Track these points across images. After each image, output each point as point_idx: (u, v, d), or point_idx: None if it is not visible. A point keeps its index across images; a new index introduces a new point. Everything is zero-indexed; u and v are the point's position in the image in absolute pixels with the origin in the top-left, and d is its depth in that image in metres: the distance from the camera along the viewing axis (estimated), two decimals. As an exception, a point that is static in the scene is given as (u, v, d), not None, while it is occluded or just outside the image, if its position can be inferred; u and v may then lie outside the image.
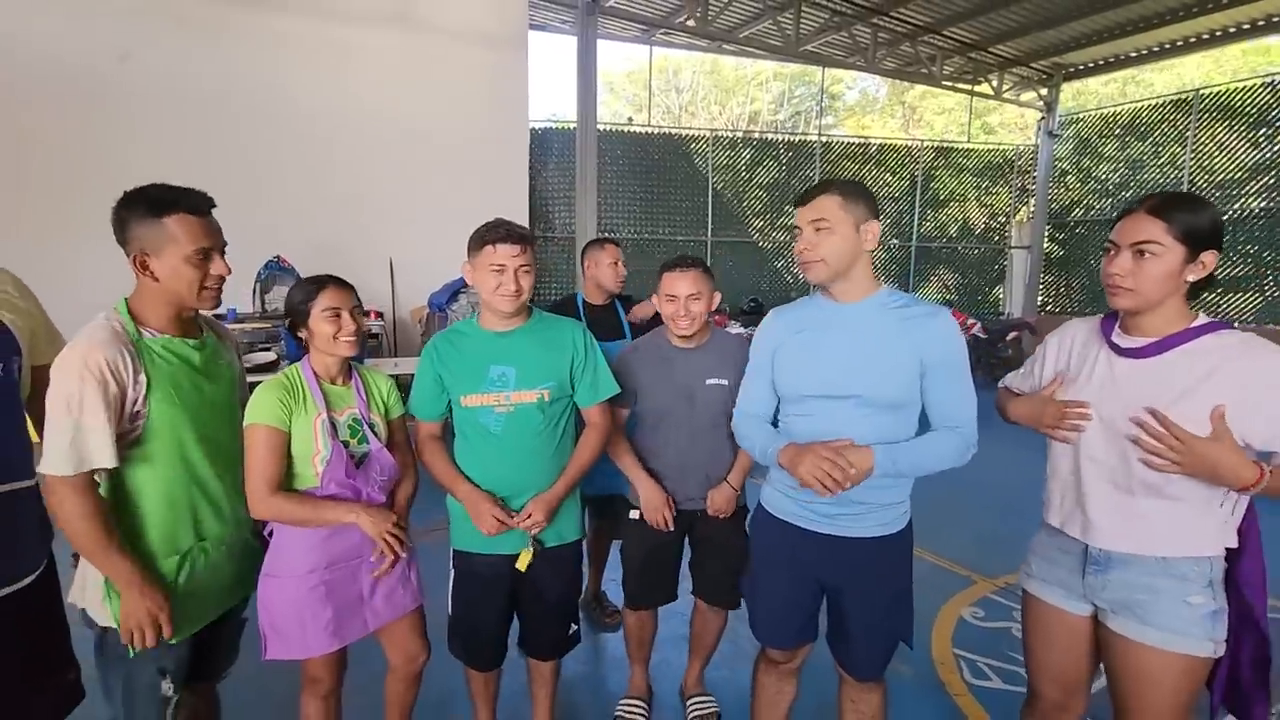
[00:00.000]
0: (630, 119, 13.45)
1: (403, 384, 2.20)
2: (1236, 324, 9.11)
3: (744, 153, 10.84)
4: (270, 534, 1.62)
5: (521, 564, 1.77)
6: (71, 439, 1.27)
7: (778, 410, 1.67)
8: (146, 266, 1.38)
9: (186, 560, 1.44)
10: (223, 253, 1.47)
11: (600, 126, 9.72)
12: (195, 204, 1.40)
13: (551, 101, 24.33)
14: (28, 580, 1.36)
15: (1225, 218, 9.19)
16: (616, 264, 2.57)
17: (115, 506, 1.40)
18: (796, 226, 1.56)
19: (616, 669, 2.55)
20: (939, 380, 1.50)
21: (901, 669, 2.53)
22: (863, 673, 1.67)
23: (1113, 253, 1.30)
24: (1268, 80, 8.95)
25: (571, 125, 8.73)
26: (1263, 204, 8.90)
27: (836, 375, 1.52)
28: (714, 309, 2.01)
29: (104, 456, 1.29)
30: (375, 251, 7.56)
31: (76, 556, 1.41)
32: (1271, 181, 8.82)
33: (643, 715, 2.21)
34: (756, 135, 12.48)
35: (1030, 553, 1.52)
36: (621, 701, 2.25)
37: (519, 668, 2.14)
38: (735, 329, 7.78)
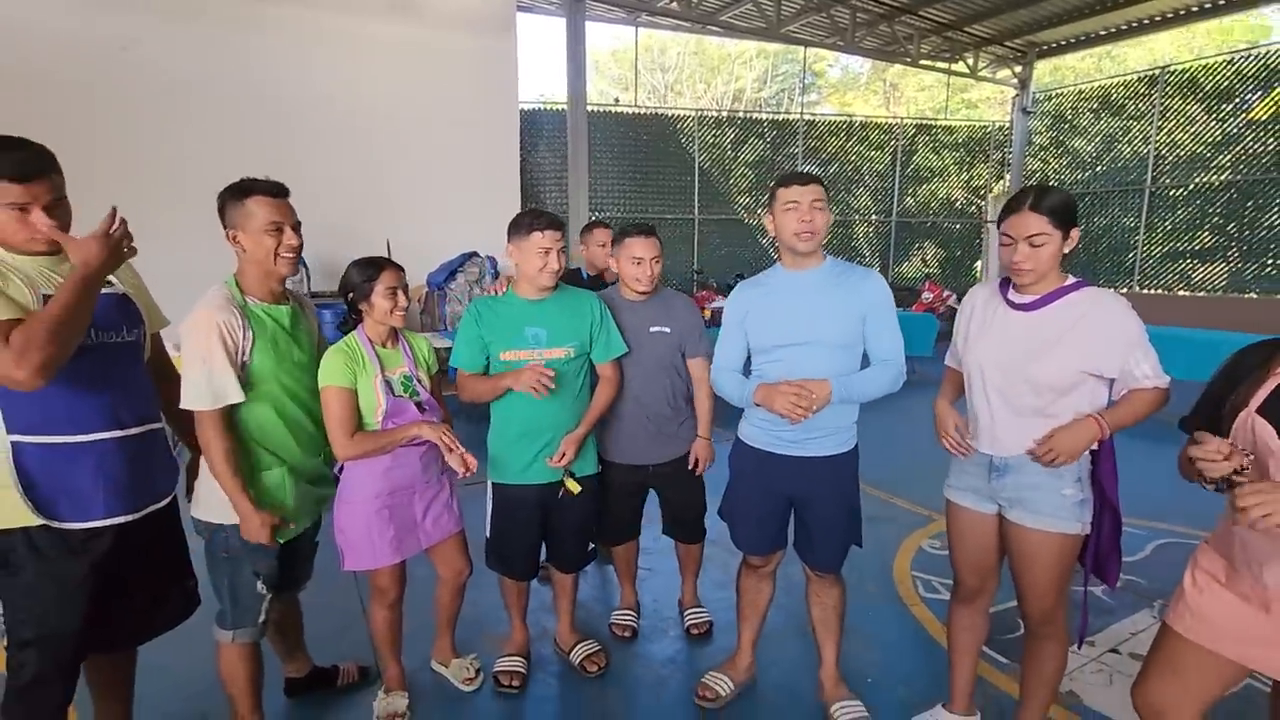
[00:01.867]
0: (616, 99, 13.61)
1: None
2: (1202, 292, 9.62)
3: (729, 131, 11.11)
4: (341, 469, 1.98)
5: (574, 489, 2.15)
6: (208, 382, 1.63)
7: (747, 362, 2.06)
8: (237, 240, 1.73)
9: (281, 478, 1.80)
10: (297, 229, 1.78)
11: (588, 107, 9.98)
12: (269, 188, 1.73)
13: (540, 83, 24.35)
14: (165, 501, 1.71)
15: (1189, 189, 9.64)
16: (605, 246, 2.94)
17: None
18: (794, 201, 1.86)
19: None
20: (874, 325, 1.92)
21: (869, 587, 2.96)
22: (825, 567, 2.06)
23: (1009, 244, 1.65)
24: (1229, 57, 9.34)
25: (560, 106, 8.96)
26: (1226, 177, 9.31)
27: (800, 327, 1.91)
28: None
29: (234, 393, 1.66)
30: (372, 233, 7.75)
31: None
32: (1235, 155, 9.23)
33: (633, 620, 2.62)
34: (741, 114, 12.73)
35: (950, 469, 1.91)
36: (616, 613, 2.67)
37: (542, 591, 2.54)
38: (720, 303, 8.12)
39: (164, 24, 6.78)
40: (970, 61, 10.80)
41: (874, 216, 11.89)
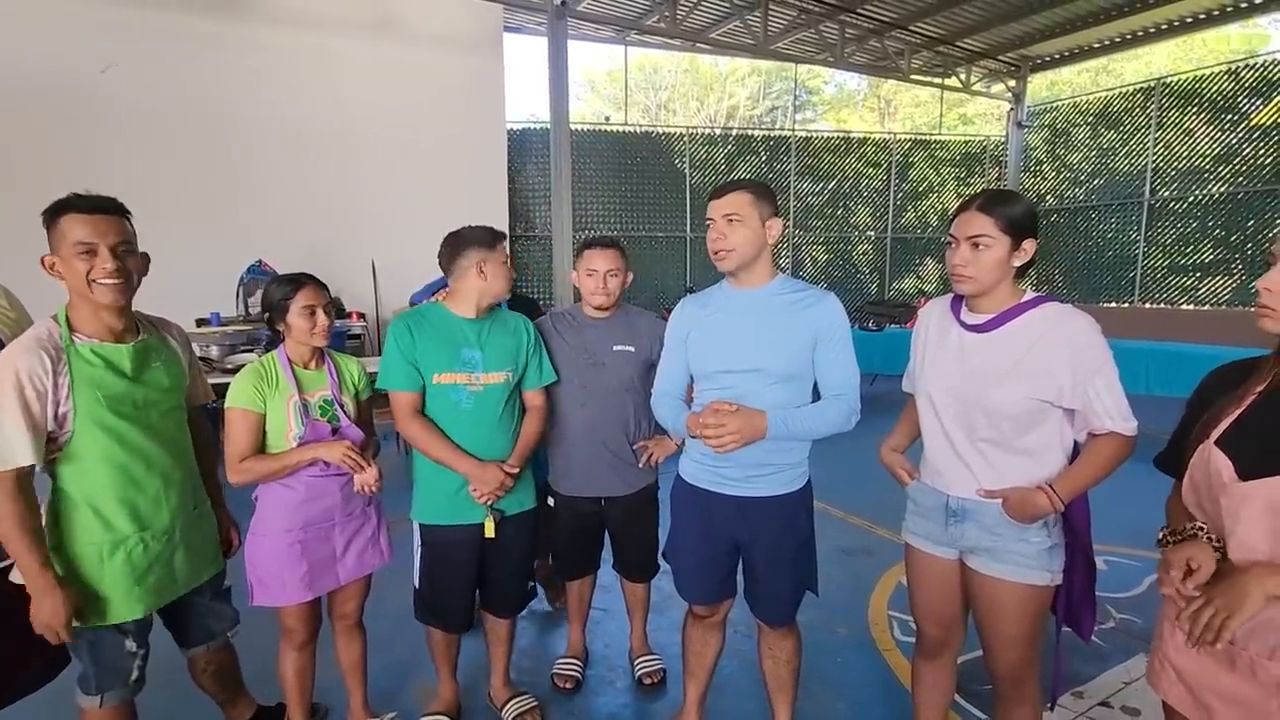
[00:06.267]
0: (608, 118, 13.59)
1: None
2: (1206, 306, 9.38)
3: (722, 149, 11.03)
4: (256, 499, 1.84)
5: (490, 532, 1.96)
6: None
7: (691, 387, 1.87)
8: (55, 268, 1.45)
9: (121, 549, 1.54)
10: (118, 251, 1.45)
11: (578, 126, 9.91)
12: (85, 204, 1.43)
13: (531, 102, 24.48)
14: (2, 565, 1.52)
15: (1189, 202, 9.45)
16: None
17: (53, 502, 1.51)
18: (710, 219, 1.73)
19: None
20: (826, 354, 1.71)
21: (839, 630, 2.73)
22: (775, 619, 1.86)
23: (954, 245, 1.48)
24: (1229, 67, 9.18)
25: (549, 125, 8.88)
26: (1226, 189, 9.11)
27: (742, 352, 1.72)
28: (627, 285, 2.21)
29: (23, 456, 1.39)
30: (357, 254, 7.71)
31: None
32: (1234, 168, 9.03)
33: (577, 670, 2.40)
34: (734, 131, 12.66)
35: (907, 509, 1.72)
36: (559, 661, 2.44)
37: (476, 642, 2.34)
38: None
39: (144, 45, 6.73)
40: (963, 76, 10.69)
41: (871, 233, 11.74)
